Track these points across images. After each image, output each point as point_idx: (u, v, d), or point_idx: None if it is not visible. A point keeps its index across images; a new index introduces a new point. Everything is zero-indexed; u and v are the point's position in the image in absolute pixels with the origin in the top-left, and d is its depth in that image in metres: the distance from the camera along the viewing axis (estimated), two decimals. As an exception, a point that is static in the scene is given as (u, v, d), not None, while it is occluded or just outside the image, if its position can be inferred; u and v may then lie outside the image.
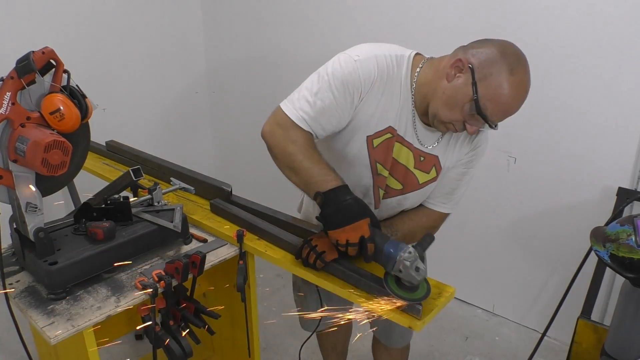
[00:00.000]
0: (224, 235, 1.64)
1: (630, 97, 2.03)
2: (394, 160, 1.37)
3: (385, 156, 1.37)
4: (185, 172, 1.94)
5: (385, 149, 1.35)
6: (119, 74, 3.11)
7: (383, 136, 1.33)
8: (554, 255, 2.43)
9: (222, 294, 1.87)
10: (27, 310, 1.31)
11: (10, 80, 1.23)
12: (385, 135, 1.33)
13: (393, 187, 1.43)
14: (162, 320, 1.48)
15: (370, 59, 1.27)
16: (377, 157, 1.36)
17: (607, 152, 2.14)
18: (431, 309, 1.27)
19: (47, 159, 1.22)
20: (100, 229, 1.43)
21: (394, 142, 1.34)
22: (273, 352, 2.46)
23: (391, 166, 1.38)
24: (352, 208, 1.18)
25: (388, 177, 1.41)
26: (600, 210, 2.16)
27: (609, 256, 1.32)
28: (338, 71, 1.26)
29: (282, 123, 1.34)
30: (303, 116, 1.30)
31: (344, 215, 1.18)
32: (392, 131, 1.33)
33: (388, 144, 1.34)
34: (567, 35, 2.11)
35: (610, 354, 1.48)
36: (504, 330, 2.62)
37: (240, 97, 3.49)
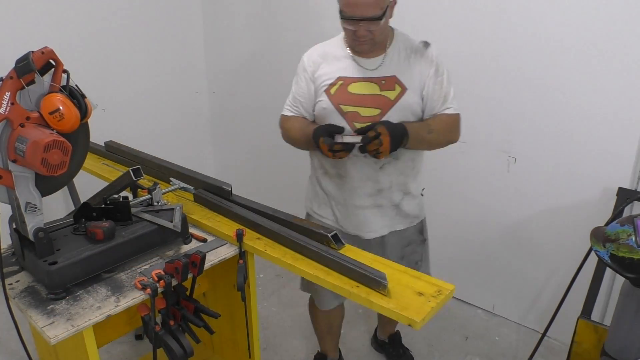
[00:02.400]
0: (224, 234, 1.64)
1: (631, 97, 2.03)
2: (359, 96, 1.69)
3: (344, 96, 1.70)
4: (185, 172, 1.94)
5: (342, 92, 1.70)
6: (118, 74, 3.11)
7: (336, 85, 1.71)
8: (554, 255, 2.43)
9: (222, 294, 1.87)
10: (27, 310, 1.31)
11: (9, 80, 1.23)
12: (338, 83, 1.71)
13: (371, 115, 1.69)
14: (162, 320, 1.48)
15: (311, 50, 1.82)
16: (338, 99, 1.70)
17: (607, 152, 2.14)
18: (431, 306, 1.27)
19: (47, 158, 1.22)
20: (100, 229, 1.43)
21: (346, 85, 1.70)
22: (273, 352, 2.46)
23: (358, 101, 1.69)
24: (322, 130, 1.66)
25: (361, 109, 1.68)
26: (600, 210, 2.15)
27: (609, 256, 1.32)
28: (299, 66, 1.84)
29: (281, 122, 1.89)
30: (287, 107, 1.86)
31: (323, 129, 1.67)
32: (341, 79, 1.71)
33: (342, 88, 1.70)
34: (567, 35, 2.11)
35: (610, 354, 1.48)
36: (504, 330, 2.62)
37: (240, 97, 3.49)
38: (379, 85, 1.68)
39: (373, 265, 1.45)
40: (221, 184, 1.82)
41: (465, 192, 2.62)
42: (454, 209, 2.65)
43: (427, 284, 1.37)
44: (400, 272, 1.42)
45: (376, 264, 1.45)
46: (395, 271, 1.43)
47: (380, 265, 1.45)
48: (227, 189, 1.80)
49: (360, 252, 1.52)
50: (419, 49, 1.71)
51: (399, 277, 1.40)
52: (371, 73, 1.69)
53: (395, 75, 1.68)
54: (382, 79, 1.68)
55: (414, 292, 1.33)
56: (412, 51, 1.70)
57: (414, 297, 1.31)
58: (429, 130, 1.69)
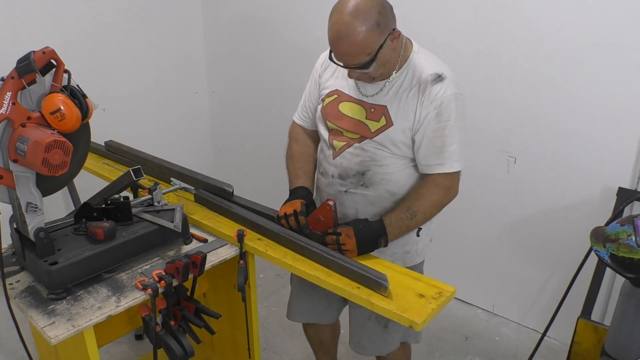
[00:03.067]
0: (225, 235, 1.64)
1: (630, 97, 2.03)
2: (344, 116, 1.57)
3: (333, 112, 1.60)
4: (185, 172, 1.94)
5: (332, 107, 1.60)
6: (119, 74, 3.11)
7: (331, 97, 1.61)
8: (554, 255, 2.43)
9: (223, 294, 1.87)
10: (27, 310, 1.31)
11: (10, 80, 1.23)
12: (333, 96, 1.60)
13: (350, 137, 1.58)
14: (162, 320, 1.48)
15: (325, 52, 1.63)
16: (327, 114, 1.62)
17: (607, 152, 2.14)
18: (432, 308, 1.27)
19: (48, 158, 1.22)
20: (100, 229, 1.43)
21: (339, 101, 1.59)
22: (273, 352, 2.46)
23: (342, 121, 1.57)
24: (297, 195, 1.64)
25: (343, 131, 1.58)
26: (600, 210, 2.16)
27: (609, 256, 1.33)
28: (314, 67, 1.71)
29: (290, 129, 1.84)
30: (297, 112, 1.80)
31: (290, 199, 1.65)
32: (338, 93, 1.60)
33: (334, 103, 1.60)
34: (567, 35, 2.11)
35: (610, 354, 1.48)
36: (504, 330, 2.62)
37: (240, 97, 3.49)
38: (367, 112, 1.53)
39: (374, 267, 1.45)
40: (222, 185, 1.82)
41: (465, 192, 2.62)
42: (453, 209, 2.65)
43: (428, 285, 1.37)
44: (401, 274, 1.43)
45: (377, 266, 1.46)
46: (397, 273, 1.43)
47: (381, 267, 1.45)
48: (229, 189, 1.80)
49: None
50: (424, 82, 1.45)
51: (400, 278, 1.40)
52: (366, 98, 1.53)
53: (386, 106, 1.50)
54: (373, 106, 1.52)
55: (415, 294, 1.33)
56: (417, 83, 1.47)
57: (414, 298, 1.31)
58: (412, 215, 1.49)
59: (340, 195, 1.61)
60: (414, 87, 1.47)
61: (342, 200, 1.61)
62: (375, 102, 1.52)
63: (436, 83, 1.44)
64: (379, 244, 1.49)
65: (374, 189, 1.57)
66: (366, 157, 1.55)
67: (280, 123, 3.32)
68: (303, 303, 1.85)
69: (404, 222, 1.50)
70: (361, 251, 1.48)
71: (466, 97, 1.51)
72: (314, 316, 1.87)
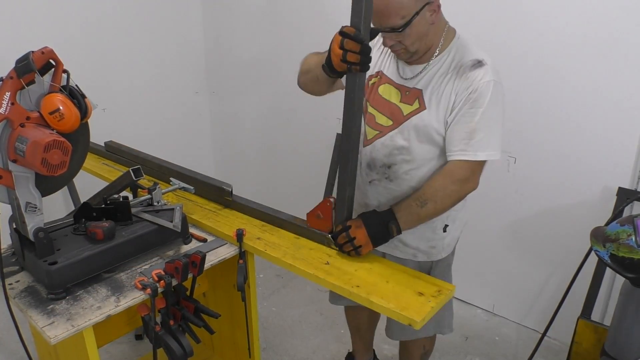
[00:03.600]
0: (224, 234, 1.64)
1: (630, 97, 2.03)
2: (381, 100, 1.55)
3: (372, 95, 1.58)
4: (185, 172, 1.94)
5: (373, 90, 1.58)
6: (118, 74, 3.11)
7: (373, 79, 1.59)
8: (554, 255, 2.43)
9: (222, 294, 1.87)
10: (27, 310, 1.31)
11: (9, 80, 1.23)
12: (375, 78, 1.59)
13: (384, 124, 1.54)
14: (162, 320, 1.48)
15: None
16: (367, 95, 1.59)
17: (607, 152, 2.14)
18: (431, 306, 1.27)
19: (47, 158, 1.22)
20: (100, 229, 1.43)
21: (379, 84, 1.57)
22: (273, 352, 2.46)
23: (379, 104, 1.55)
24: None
25: (377, 115, 1.56)
26: (600, 210, 2.15)
27: (609, 256, 1.33)
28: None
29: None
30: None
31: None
32: (380, 74, 1.58)
33: (375, 86, 1.58)
34: (567, 35, 2.11)
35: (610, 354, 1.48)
36: (504, 330, 2.62)
37: (240, 97, 3.49)
38: (402, 95, 1.51)
39: (373, 265, 1.45)
40: (221, 184, 1.82)
41: (465, 192, 2.62)
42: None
43: (427, 283, 1.37)
44: (400, 272, 1.43)
45: (376, 264, 1.46)
46: (396, 271, 1.43)
47: (381, 265, 1.45)
48: (228, 189, 1.80)
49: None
50: (463, 67, 1.42)
51: (399, 276, 1.40)
52: (405, 81, 1.51)
53: (422, 90, 1.47)
54: (408, 89, 1.50)
55: (414, 292, 1.33)
56: (455, 68, 1.43)
57: (414, 296, 1.31)
58: (422, 203, 1.44)
59: (365, 185, 1.62)
60: (452, 71, 1.44)
61: (366, 190, 1.62)
62: (412, 85, 1.50)
63: (475, 68, 1.40)
64: (391, 231, 1.45)
65: (397, 184, 1.56)
66: (394, 149, 1.53)
67: (281, 123, 3.34)
68: None
69: (413, 209, 1.45)
70: (375, 242, 1.45)
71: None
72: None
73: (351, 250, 1.46)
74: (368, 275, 1.40)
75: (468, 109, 1.40)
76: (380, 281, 1.38)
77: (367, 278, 1.39)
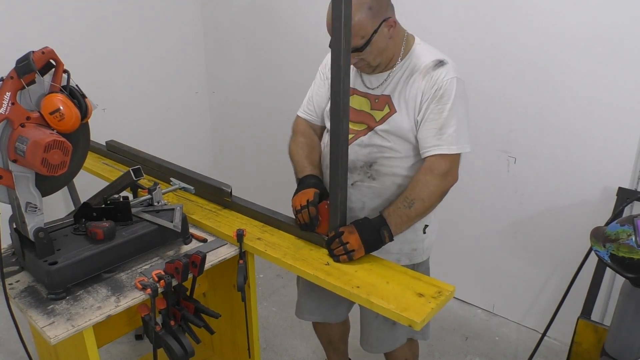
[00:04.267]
0: (224, 235, 1.64)
1: (630, 97, 2.03)
2: (352, 109, 1.58)
3: None
4: (185, 172, 1.94)
5: None
6: (119, 74, 3.11)
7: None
8: (554, 255, 2.43)
9: (222, 294, 1.87)
10: (27, 310, 1.31)
11: (10, 80, 1.23)
12: None
13: (357, 129, 1.60)
14: (162, 320, 1.48)
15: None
16: None
17: (607, 152, 2.14)
18: (431, 307, 1.27)
19: (47, 158, 1.22)
20: (100, 229, 1.43)
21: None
22: (273, 352, 2.46)
23: (351, 115, 1.56)
24: (308, 183, 1.62)
25: (350, 124, 1.56)
26: (600, 210, 2.15)
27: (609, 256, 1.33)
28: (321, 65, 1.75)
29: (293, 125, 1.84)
30: (302, 108, 1.81)
31: (301, 188, 1.63)
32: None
33: None
34: (567, 35, 2.11)
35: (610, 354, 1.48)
36: (504, 330, 2.62)
37: (240, 97, 3.49)
38: (371, 103, 1.58)
39: (373, 266, 1.45)
40: (221, 185, 1.82)
41: (465, 191, 2.62)
42: (453, 209, 2.65)
43: (427, 284, 1.37)
44: (400, 273, 1.43)
45: (376, 265, 1.46)
46: (396, 272, 1.43)
47: (381, 266, 1.45)
48: (227, 190, 1.80)
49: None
50: (426, 68, 1.50)
51: (399, 277, 1.40)
52: (372, 90, 1.59)
53: (390, 95, 1.55)
54: (377, 97, 1.57)
55: (414, 293, 1.33)
56: (417, 70, 1.52)
57: (414, 297, 1.31)
58: (409, 204, 1.48)
59: (347, 188, 1.61)
60: (415, 73, 1.51)
61: (349, 193, 1.61)
62: (378, 93, 1.57)
63: (437, 68, 1.48)
64: (383, 237, 1.47)
65: (380, 181, 1.59)
66: (373, 148, 1.57)
67: (281, 123, 3.33)
68: (311, 302, 1.86)
69: (402, 211, 1.48)
70: (367, 248, 1.47)
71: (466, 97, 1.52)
72: (323, 315, 1.88)
73: (343, 254, 1.46)
74: (368, 276, 1.40)
75: (435, 106, 1.47)
76: (380, 282, 1.38)
77: (367, 279, 1.39)
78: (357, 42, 1.42)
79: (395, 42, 1.51)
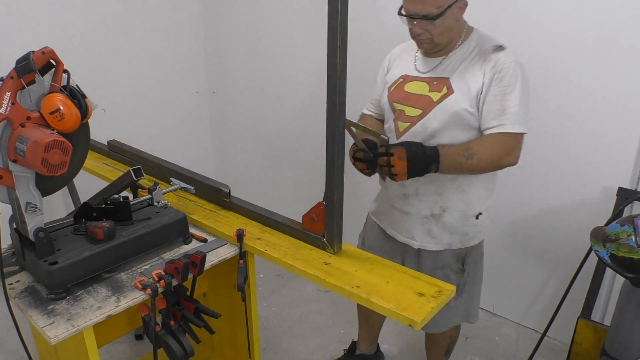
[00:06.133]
0: (224, 235, 1.64)
1: (630, 97, 2.03)
2: (409, 94, 1.65)
3: (399, 94, 1.69)
4: (185, 172, 1.94)
5: (399, 89, 1.70)
6: (119, 74, 3.11)
7: (396, 82, 1.71)
8: (554, 255, 2.43)
9: (222, 294, 1.87)
10: (27, 310, 1.31)
11: (10, 80, 1.23)
12: (398, 81, 1.71)
13: (413, 115, 1.64)
14: (162, 320, 1.48)
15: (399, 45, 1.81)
16: (393, 97, 1.71)
17: (607, 152, 2.14)
18: (432, 307, 1.27)
19: (47, 158, 1.22)
20: (100, 229, 1.43)
21: (404, 83, 1.69)
22: (273, 352, 2.46)
23: (407, 99, 1.65)
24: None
25: (406, 109, 1.65)
26: (600, 210, 2.15)
27: (609, 256, 1.33)
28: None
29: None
30: (366, 105, 1.92)
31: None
32: (403, 77, 1.70)
33: (400, 86, 1.70)
34: (566, 34, 2.11)
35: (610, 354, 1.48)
36: (504, 330, 2.62)
37: (240, 97, 3.49)
38: (430, 86, 1.62)
39: (373, 265, 1.45)
40: (219, 185, 1.82)
41: (465, 192, 2.62)
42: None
43: (427, 284, 1.37)
44: (400, 273, 1.43)
45: (376, 265, 1.46)
46: (396, 272, 1.43)
47: (381, 266, 1.45)
48: (225, 190, 1.80)
49: (359, 252, 1.52)
50: (485, 52, 1.56)
51: (399, 277, 1.40)
52: (427, 73, 1.64)
53: (448, 77, 1.59)
54: (435, 79, 1.61)
55: (414, 293, 1.33)
56: (477, 54, 1.57)
57: (414, 297, 1.31)
58: (469, 155, 1.53)
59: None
60: (474, 57, 1.57)
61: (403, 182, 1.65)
62: (437, 75, 1.61)
63: (497, 52, 1.55)
64: (430, 169, 1.52)
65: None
66: (427, 135, 1.61)
67: (281, 123, 3.34)
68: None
69: (458, 157, 1.52)
70: (411, 175, 1.51)
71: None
72: None
73: (387, 172, 1.52)
74: (368, 276, 1.40)
75: (496, 87, 1.52)
76: (380, 282, 1.38)
77: (367, 278, 1.39)
78: (432, 10, 1.47)
79: (459, 26, 1.59)
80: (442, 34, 1.54)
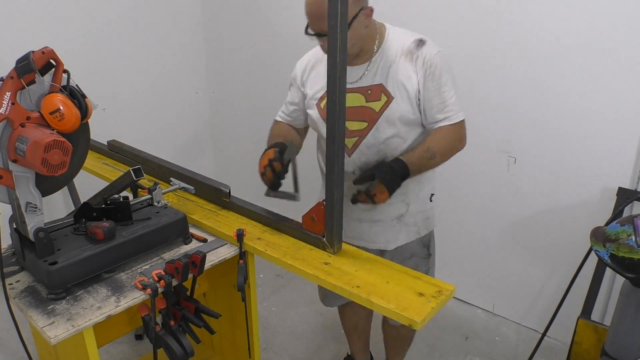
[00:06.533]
0: (224, 234, 1.64)
1: (630, 97, 2.03)
2: (350, 108, 1.55)
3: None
4: (185, 172, 1.94)
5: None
6: (119, 74, 3.11)
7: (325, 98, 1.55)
8: (554, 255, 2.43)
9: (222, 294, 1.87)
10: (27, 310, 1.31)
11: (10, 80, 1.23)
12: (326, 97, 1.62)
13: (359, 129, 1.62)
14: (162, 320, 1.48)
15: (304, 57, 1.78)
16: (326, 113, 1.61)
17: (607, 152, 2.14)
18: (432, 307, 1.27)
19: (47, 159, 1.22)
20: (100, 229, 1.43)
21: None
22: (273, 352, 2.46)
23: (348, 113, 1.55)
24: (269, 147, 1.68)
25: (348, 124, 1.58)
26: (600, 210, 2.15)
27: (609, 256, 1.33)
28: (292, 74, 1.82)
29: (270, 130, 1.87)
30: (279, 112, 1.89)
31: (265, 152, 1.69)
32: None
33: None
34: (566, 35, 2.11)
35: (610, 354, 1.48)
36: (504, 330, 2.62)
37: (240, 97, 3.49)
38: (365, 96, 1.59)
39: (373, 265, 1.45)
40: (219, 185, 1.82)
41: (465, 192, 2.62)
42: (453, 209, 2.65)
43: (427, 284, 1.37)
44: (400, 273, 1.42)
45: (376, 265, 1.46)
46: (396, 272, 1.43)
47: (381, 266, 1.45)
48: (225, 190, 1.80)
49: (359, 252, 1.52)
50: (409, 50, 1.56)
51: (399, 277, 1.40)
52: (356, 83, 1.59)
53: (382, 83, 1.57)
54: (368, 88, 1.58)
55: (415, 293, 1.33)
56: (402, 53, 1.56)
57: (414, 297, 1.31)
58: (430, 156, 1.57)
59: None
60: (399, 57, 1.56)
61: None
62: (368, 83, 1.59)
63: (421, 47, 1.55)
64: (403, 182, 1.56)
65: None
66: (381, 145, 1.61)
67: (280, 123, 3.34)
68: None
69: (422, 160, 1.57)
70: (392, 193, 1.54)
71: (466, 97, 1.61)
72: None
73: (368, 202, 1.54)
74: (368, 276, 1.40)
75: (431, 83, 1.55)
76: (380, 282, 1.38)
77: (367, 278, 1.39)
78: None
79: (371, 31, 1.56)
80: (354, 45, 1.52)
